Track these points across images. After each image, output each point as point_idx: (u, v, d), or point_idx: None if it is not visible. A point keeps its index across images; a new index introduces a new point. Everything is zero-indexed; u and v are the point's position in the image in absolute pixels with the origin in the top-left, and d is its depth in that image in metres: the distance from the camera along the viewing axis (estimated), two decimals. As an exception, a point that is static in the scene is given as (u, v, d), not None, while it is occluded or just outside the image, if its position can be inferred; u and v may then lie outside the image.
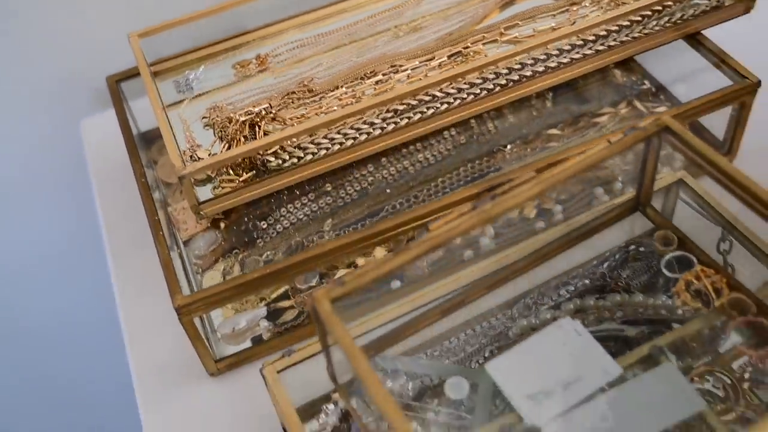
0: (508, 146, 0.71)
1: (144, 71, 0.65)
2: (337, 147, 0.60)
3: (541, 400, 0.48)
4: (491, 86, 0.63)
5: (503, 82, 0.63)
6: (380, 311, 0.54)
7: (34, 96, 0.84)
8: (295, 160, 0.60)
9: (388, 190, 0.69)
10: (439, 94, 0.62)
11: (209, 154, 0.61)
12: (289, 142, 0.60)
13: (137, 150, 0.68)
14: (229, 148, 0.60)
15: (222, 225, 0.69)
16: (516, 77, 0.64)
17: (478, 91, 0.63)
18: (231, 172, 0.60)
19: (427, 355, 0.55)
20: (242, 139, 0.59)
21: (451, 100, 0.62)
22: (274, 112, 0.62)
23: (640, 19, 0.66)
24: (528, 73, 0.64)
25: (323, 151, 0.60)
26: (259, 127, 0.61)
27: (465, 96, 0.63)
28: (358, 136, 0.61)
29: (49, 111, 0.85)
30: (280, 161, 0.60)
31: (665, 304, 0.54)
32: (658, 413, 0.47)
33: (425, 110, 0.62)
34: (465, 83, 0.63)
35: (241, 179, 0.59)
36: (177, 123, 0.65)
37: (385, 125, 0.61)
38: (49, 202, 0.90)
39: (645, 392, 0.48)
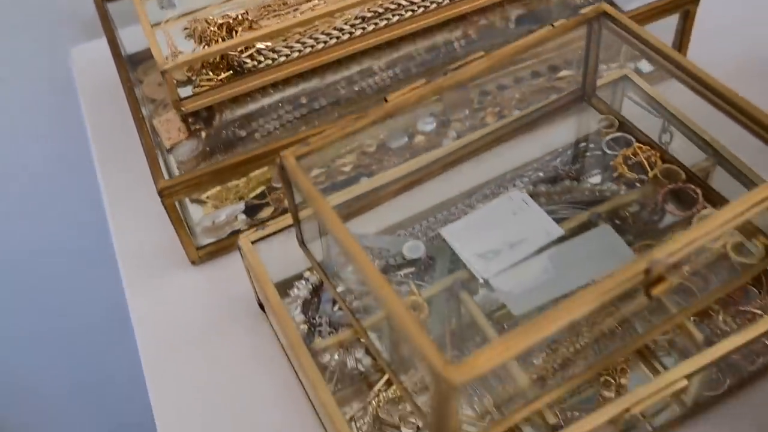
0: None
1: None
2: (309, 50, 0.65)
3: (490, 258, 0.53)
4: (453, -5, 0.68)
5: (464, -8, 0.68)
6: (339, 192, 0.59)
7: (23, 26, 0.88)
8: (270, 62, 0.65)
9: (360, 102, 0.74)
10: (404, 2, 0.67)
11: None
12: (264, 46, 0.64)
13: (125, 63, 0.72)
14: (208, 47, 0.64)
15: (203, 134, 0.73)
16: (476, -12, 0.68)
17: None
18: (210, 73, 0.64)
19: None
20: (220, 40, 0.64)
21: (415, 8, 0.67)
22: (250, 19, 0.67)
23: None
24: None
25: (296, 54, 0.65)
26: (236, 32, 0.66)
27: (428, 4, 0.67)
28: (328, 40, 0.66)
29: (38, 40, 0.89)
30: (256, 62, 0.65)
31: (610, 187, 0.59)
32: (595, 266, 0.52)
33: (391, 17, 0.67)
34: (428, -7, 0.68)
35: (219, 78, 0.64)
36: (160, 37, 0.70)
37: (353, 31, 0.66)
38: (38, 126, 0.94)
39: (583, 249, 0.53)
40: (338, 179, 0.68)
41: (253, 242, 0.57)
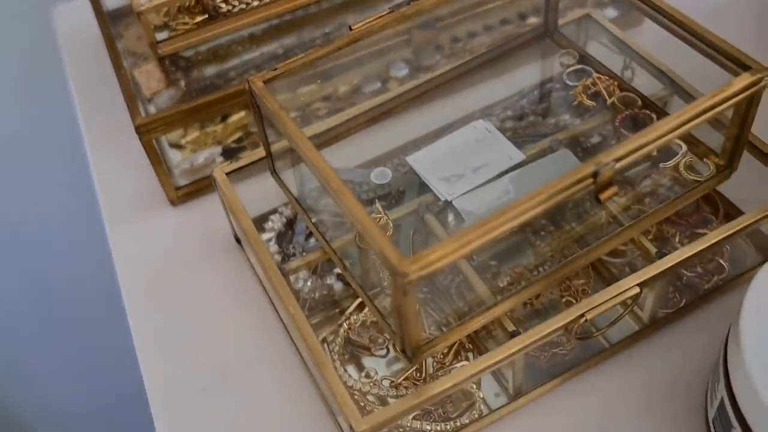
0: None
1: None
2: (280, -7, 0.67)
3: (454, 181, 0.55)
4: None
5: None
6: (309, 126, 0.61)
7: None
8: (244, 6, 0.66)
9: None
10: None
11: None
12: (238, -9, 0.66)
13: (105, 17, 0.74)
14: (183, -6, 0.66)
15: (182, 84, 0.75)
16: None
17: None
18: (186, 17, 0.66)
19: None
20: (194, -17, 0.66)
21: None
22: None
23: None
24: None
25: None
26: (211, -23, 0.67)
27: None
28: (299, -18, 0.67)
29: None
30: (230, 7, 0.66)
31: (570, 118, 0.61)
32: (553, 187, 0.54)
33: (361, -38, 0.69)
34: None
35: (194, 21, 0.66)
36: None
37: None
38: (22, 87, 0.96)
39: (543, 171, 0.55)
40: (312, 123, 0.71)
41: (227, 173, 0.59)
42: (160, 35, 0.66)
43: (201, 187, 0.68)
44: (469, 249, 0.41)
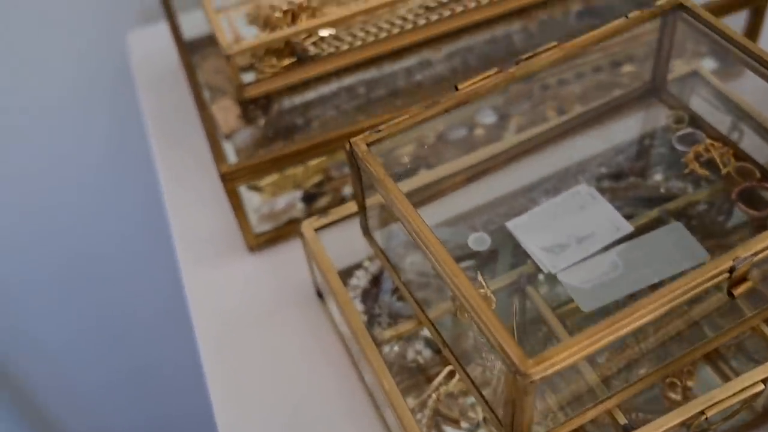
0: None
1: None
2: (372, 38, 0.65)
3: (557, 252, 0.52)
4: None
5: (531, -17, 0.67)
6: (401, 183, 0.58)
7: (79, 10, 0.89)
8: (333, 50, 0.64)
9: (417, 93, 0.73)
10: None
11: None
12: (327, 33, 0.64)
13: (185, 47, 0.72)
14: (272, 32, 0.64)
15: (261, 122, 0.73)
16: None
17: (507, -10, 0.67)
18: (274, 59, 0.64)
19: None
20: (284, 26, 0.64)
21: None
22: (314, 6, 0.66)
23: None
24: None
25: (359, 42, 0.64)
26: (300, 19, 0.65)
27: (493, -5, 0.66)
28: (391, 29, 0.65)
29: (94, 26, 0.90)
30: (320, 50, 0.64)
31: (677, 184, 0.58)
32: (666, 264, 0.51)
33: (454, 8, 0.66)
34: (494, -17, 0.67)
35: (282, 65, 0.64)
36: (223, 22, 0.70)
37: (416, 21, 0.65)
38: (95, 113, 0.95)
39: (653, 246, 0.52)
40: (396, 170, 0.68)
41: (315, 230, 0.57)
42: (246, 76, 0.64)
43: (281, 234, 0.66)
44: (594, 349, 0.38)
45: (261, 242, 0.66)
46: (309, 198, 0.68)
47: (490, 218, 0.60)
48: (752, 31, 0.70)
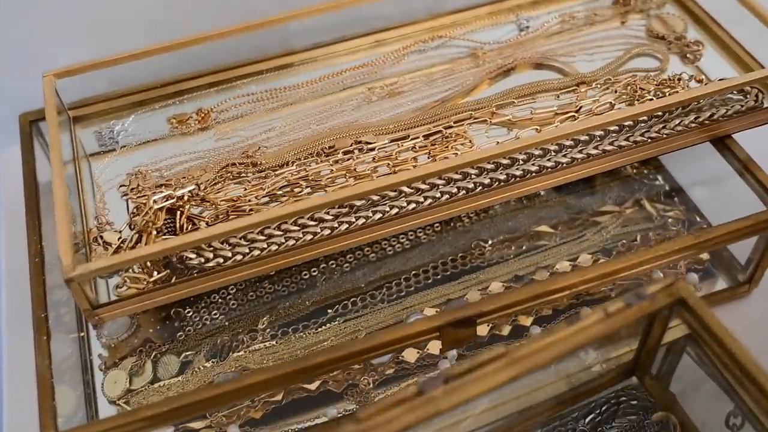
0: (489, 241, 0.60)
1: (51, 118, 0.53)
2: (274, 247, 0.49)
3: None
4: (471, 185, 0.52)
5: (486, 181, 0.52)
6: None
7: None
8: (221, 260, 0.49)
9: (340, 283, 0.58)
10: (407, 189, 0.51)
11: (119, 239, 0.50)
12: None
13: (38, 208, 0.56)
14: (139, 240, 0.48)
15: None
16: (503, 176, 0.52)
17: (455, 190, 0.51)
18: (142, 270, 0.48)
19: None
20: (154, 232, 0.48)
21: (421, 199, 0.51)
22: (202, 194, 0.51)
23: (661, 114, 0.55)
24: (518, 173, 0.52)
25: (256, 251, 0.49)
26: (182, 212, 0.50)
27: (438, 195, 0.51)
28: (301, 236, 0.50)
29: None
30: (202, 260, 0.49)
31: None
32: None
33: (388, 209, 0.51)
34: (440, 178, 0.52)
35: (151, 279, 0.48)
36: (90, 186, 0.54)
37: (336, 225, 0.50)
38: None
39: None
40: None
41: None
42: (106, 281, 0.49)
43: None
44: None
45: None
46: (183, 435, 0.53)
47: None
48: (764, 254, 0.55)
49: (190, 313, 0.57)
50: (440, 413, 0.35)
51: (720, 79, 0.56)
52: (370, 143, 0.55)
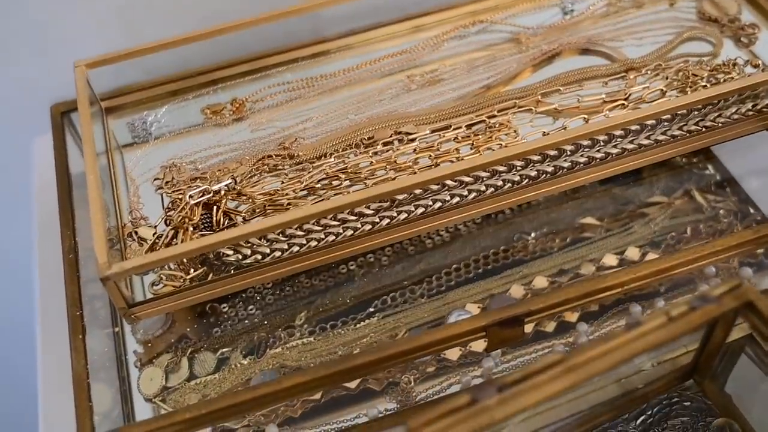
0: (533, 234, 0.58)
1: (84, 110, 0.51)
2: (313, 243, 0.48)
3: None
4: (517, 178, 0.50)
5: (533, 173, 0.50)
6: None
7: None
8: (259, 257, 0.47)
9: (378, 278, 0.56)
10: (450, 182, 0.49)
11: (154, 235, 0.48)
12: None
13: (71, 200, 0.55)
14: (175, 236, 0.47)
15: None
16: (550, 168, 0.50)
17: (501, 182, 0.49)
18: (178, 267, 0.47)
19: None
20: (190, 228, 0.46)
21: (465, 192, 0.49)
22: (238, 188, 0.49)
23: (716, 102, 0.52)
24: (566, 164, 0.50)
25: (295, 247, 0.47)
26: (219, 207, 0.48)
27: (483, 188, 0.49)
28: (341, 231, 0.48)
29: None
30: (240, 256, 0.47)
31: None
32: None
33: (430, 203, 0.49)
34: (485, 171, 0.50)
35: (188, 277, 0.47)
36: (123, 179, 0.53)
37: (377, 220, 0.48)
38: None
39: None
40: None
41: None
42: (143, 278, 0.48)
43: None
44: None
45: None
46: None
47: None
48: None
49: (226, 309, 0.56)
50: (494, 424, 0.34)
51: (778, 64, 0.53)
52: (411, 134, 0.53)
